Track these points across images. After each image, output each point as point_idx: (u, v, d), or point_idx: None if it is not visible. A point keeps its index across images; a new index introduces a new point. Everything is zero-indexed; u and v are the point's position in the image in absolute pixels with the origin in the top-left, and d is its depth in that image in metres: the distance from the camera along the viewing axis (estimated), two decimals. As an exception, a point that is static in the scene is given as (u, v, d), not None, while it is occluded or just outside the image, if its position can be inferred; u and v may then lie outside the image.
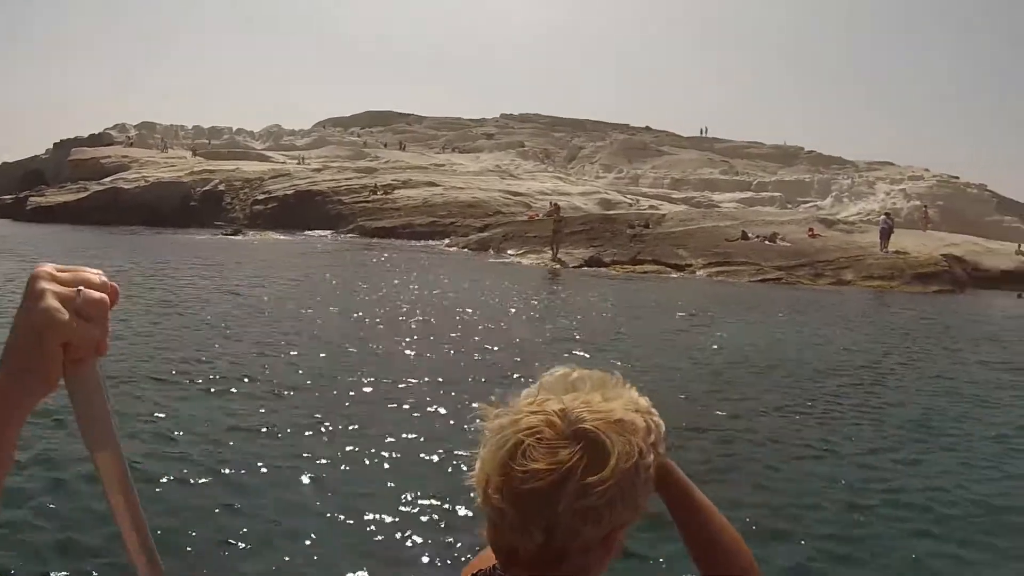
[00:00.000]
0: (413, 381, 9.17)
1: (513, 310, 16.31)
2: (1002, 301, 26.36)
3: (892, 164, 66.36)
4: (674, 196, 52.54)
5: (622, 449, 0.97)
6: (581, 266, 27.49)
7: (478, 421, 1.03)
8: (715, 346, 12.85)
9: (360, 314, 14.60)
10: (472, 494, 1.03)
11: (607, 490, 0.95)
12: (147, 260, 22.39)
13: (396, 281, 20.38)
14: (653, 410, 1.08)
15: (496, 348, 11.75)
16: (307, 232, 39.48)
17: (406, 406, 8.06)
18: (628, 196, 50.34)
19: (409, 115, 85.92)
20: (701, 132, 73.66)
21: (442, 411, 7.88)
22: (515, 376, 9.48)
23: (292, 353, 10.69)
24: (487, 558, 1.10)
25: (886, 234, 31.15)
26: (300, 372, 9.51)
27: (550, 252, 29.33)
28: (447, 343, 12.03)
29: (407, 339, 12.17)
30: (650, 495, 1.06)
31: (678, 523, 1.18)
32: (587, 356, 11.11)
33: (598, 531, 0.98)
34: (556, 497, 0.94)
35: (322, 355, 10.67)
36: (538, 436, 0.97)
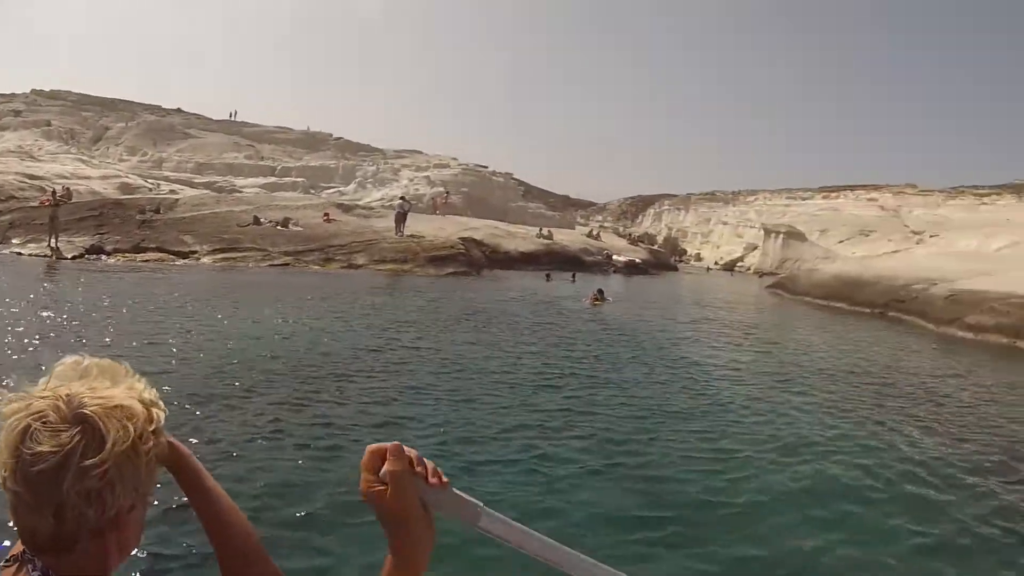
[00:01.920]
0: None
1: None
2: (528, 282, 28.42)
3: (420, 152, 68.25)
4: (196, 181, 50.09)
5: (118, 434, 1.02)
6: (80, 256, 24.85)
7: None
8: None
9: None
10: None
11: (105, 472, 1.00)
12: None
13: None
14: (159, 402, 1.14)
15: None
16: None
17: None
18: (150, 180, 46.54)
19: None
20: (230, 116, 70.38)
21: None
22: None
23: None
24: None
25: (402, 218, 31.66)
26: None
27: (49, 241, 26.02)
28: None
29: None
30: (155, 482, 1.12)
31: (193, 505, 1.28)
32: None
33: (103, 514, 1.02)
34: (60, 479, 0.97)
35: None
36: (44, 420, 1.00)
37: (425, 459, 1.05)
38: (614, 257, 44.10)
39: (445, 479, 1.04)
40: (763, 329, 21.68)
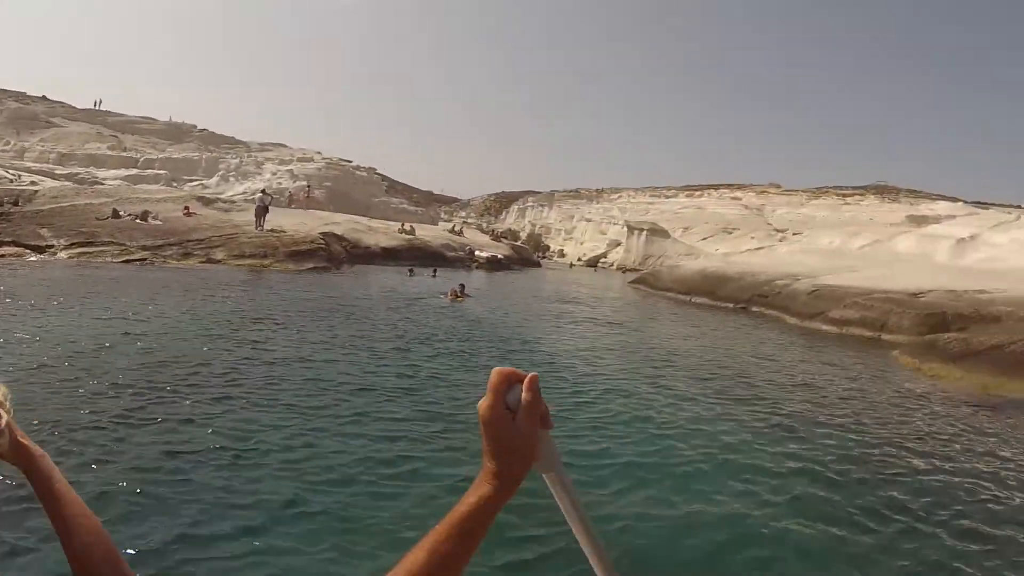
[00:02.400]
0: None
1: None
2: (390, 277, 28.38)
3: (285, 146, 67.49)
4: (58, 172, 47.99)
5: None
6: (-72, 250, 23.14)
7: None
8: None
9: None
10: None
11: None
12: None
13: None
14: (5, 402, 1.21)
15: None
16: None
17: None
18: (11, 171, 44.39)
19: None
20: (95, 105, 67.80)
21: None
22: None
23: None
24: None
25: (262, 212, 31.29)
26: None
27: None
28: None
29: None
30: None
31: (44, 508, 1.26)
32: None
33: None
34: None
35: None
36: None
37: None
38: (476, 253, 44.36)
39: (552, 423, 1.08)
40: (625, 322, 21.95)
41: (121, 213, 29.39)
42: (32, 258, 23.87)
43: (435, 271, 32.20)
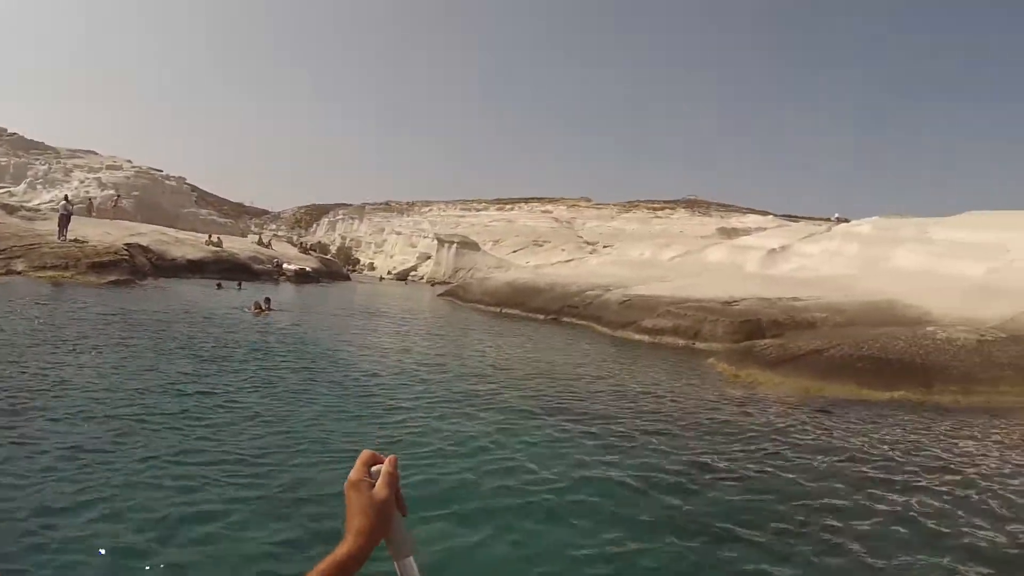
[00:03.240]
0: None
1: None
2: (195, 290, 27.47)
3: (95, 153, 65.29)
4: None
5: None
6: None
7: None
8: None
9: None
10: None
11: None
12: None
13: None
14: None
15: None
16: None
17: None
18: None
19: None
20: None
21: None
22: None
23: None
24: None
25: (65, 221, 30.20)
26: None
27: None
28: None
29: None
30: None
31: None
32: None
33: None
34: None
35: None
36: None
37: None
38: (284, 266, 43.72)
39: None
40: (436, 335, 21.50)
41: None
42: None
43: (239, 284, 31.44)
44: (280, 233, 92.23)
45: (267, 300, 22.90)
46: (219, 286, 29.59)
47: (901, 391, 13.56)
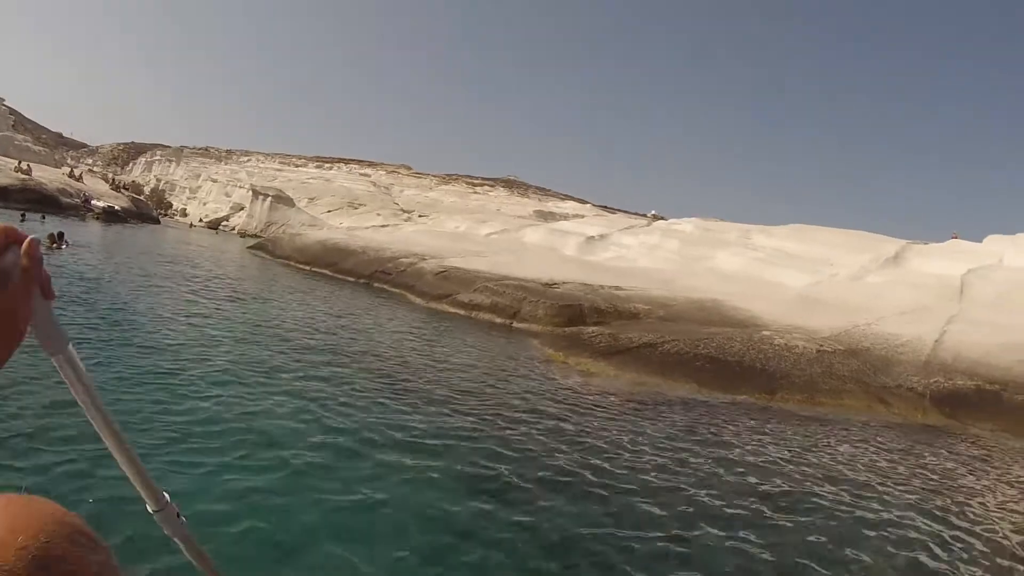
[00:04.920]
0: None
1: None
2: None
3: None
4: None
5: None
6: None
7: None
8: None
9: None
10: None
11: None
12: None
13: None
14: None
15: None
16: None
17: None
18: None
19: None
20: None
21: None
22: None
23: None
24: None
25: None
26: None
27: None
28: None
29: None
30: None
31: None
32: None
33: None
34: None
35: None
36: None
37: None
38: (93, 202, 42.17)
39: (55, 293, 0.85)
40: (242, 290, 20.29)
41: None
42: None
43: (43, 216, 30.36)
44: (96, 169, 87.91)
45: (60, 235, 21.32)
46: (23, 217, 28.68)
47: (743, 394, 13.53)
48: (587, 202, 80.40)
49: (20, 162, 41.55)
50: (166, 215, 68.04)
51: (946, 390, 14.55)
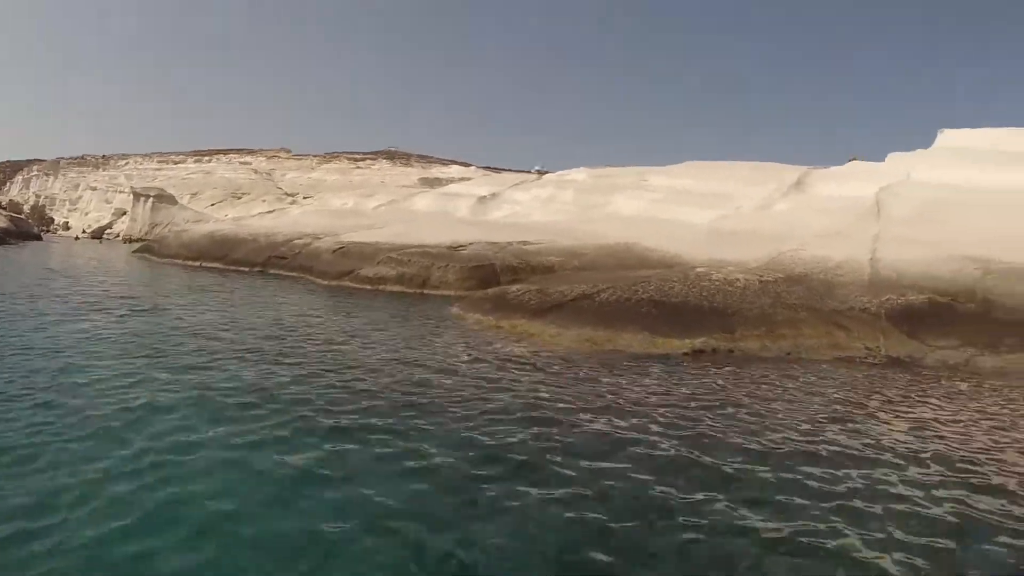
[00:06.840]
0: None
1: None
2: None
3: None
4: None
5: None
6: None
7: None
8: None
9: None
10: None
11: None
12: None
13: None
14: None
15: None
16: None
17: None
18: None
19: None
20: None
21: None
22: None
23: None
24: None
25: None
26: None
27: None
28: None
29: None
30: None
31: None
32: None
33: None
34: None
35: None
36: None
37: None
38: None
39: None
40: (128, 295, 18.83)
41: None
42: None
43: None
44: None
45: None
46: None
47: (702, 338, 12.71)
48: (471, 164, 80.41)
49: None
50: (48, 230, 66.23)
51: (900, 306, 14.04)
